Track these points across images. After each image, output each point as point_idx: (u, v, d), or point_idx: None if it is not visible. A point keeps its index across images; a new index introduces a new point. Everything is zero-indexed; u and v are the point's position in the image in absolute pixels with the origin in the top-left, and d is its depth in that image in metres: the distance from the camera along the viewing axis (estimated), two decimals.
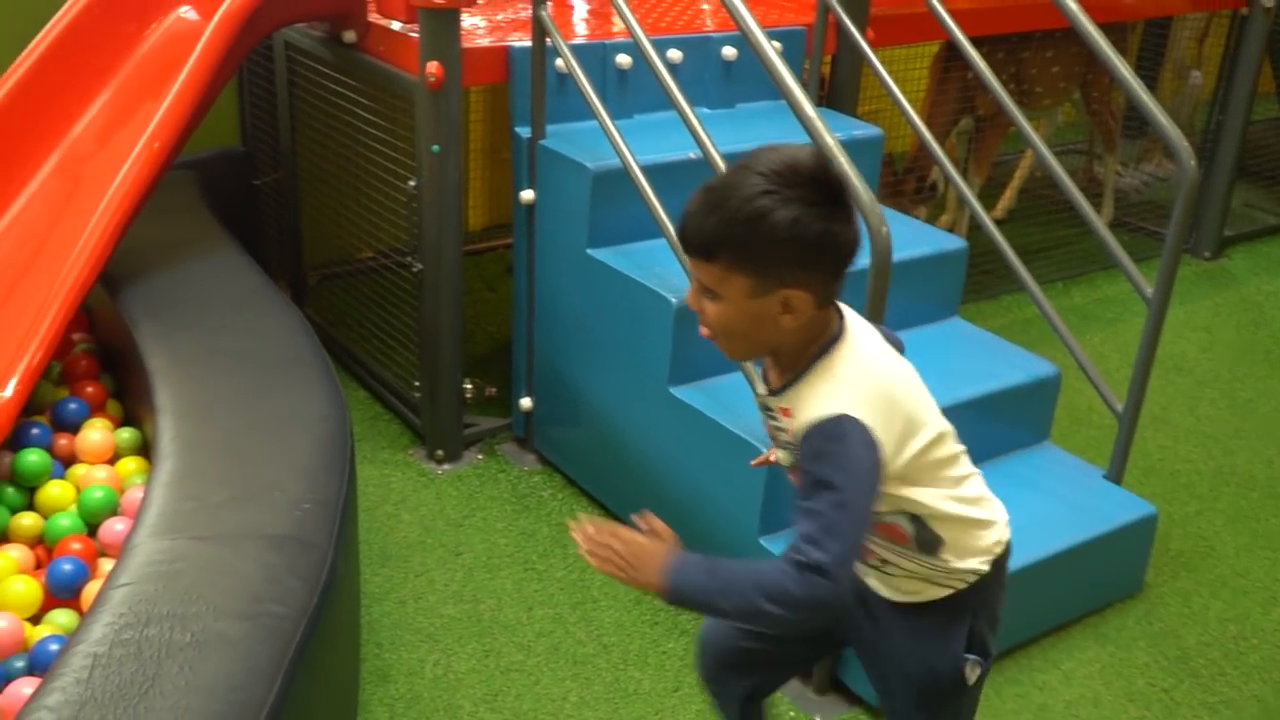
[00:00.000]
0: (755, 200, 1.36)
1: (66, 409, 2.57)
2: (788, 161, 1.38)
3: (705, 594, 1.42)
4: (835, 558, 1.35)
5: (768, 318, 1.42)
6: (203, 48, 2.76)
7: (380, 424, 3.29)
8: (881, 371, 1.50)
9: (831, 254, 1.41)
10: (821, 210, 1.37)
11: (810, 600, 1.35)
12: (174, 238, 2.96)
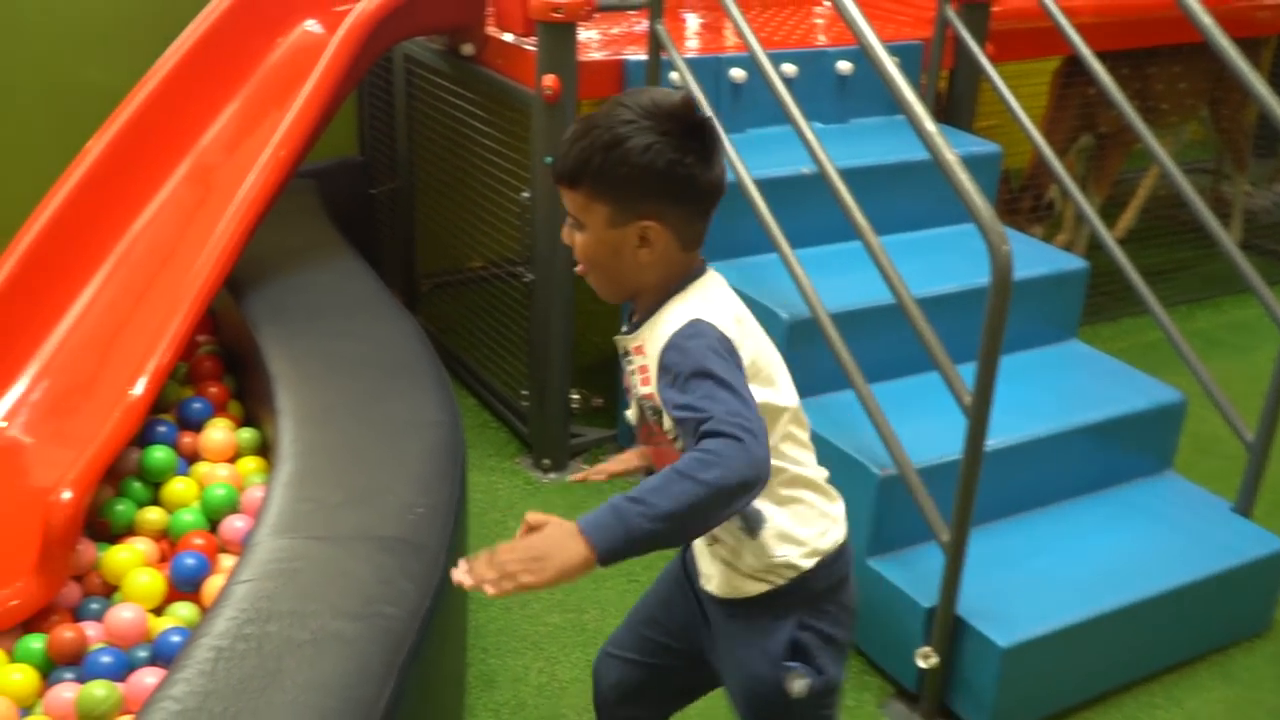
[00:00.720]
0: (615, 128, 1.41)
1: (191, 408, 2.65)
2: (655, 98, 1.43)
3: (636, 530, 1.25)
4: (735, 414, 1.31)
5: (626, 250, 1.45)
6: (327, 61, 2.83)
7: (488, 431, 3.32)
8: (737, 305, 1.51)
9: (686, 189, 1.43)
10: (675, 143, 1.40)
11: (741, 458, 1.28)
12: (295, 244, 3.04)
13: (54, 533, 2.15)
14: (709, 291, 1.50)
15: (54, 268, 2.72)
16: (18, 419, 2.59)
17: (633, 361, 1.52)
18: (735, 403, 1.33)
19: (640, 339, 1.50)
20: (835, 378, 2.39)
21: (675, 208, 1.44)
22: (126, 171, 2.87)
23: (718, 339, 1.40)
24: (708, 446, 1.28)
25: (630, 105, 1.42)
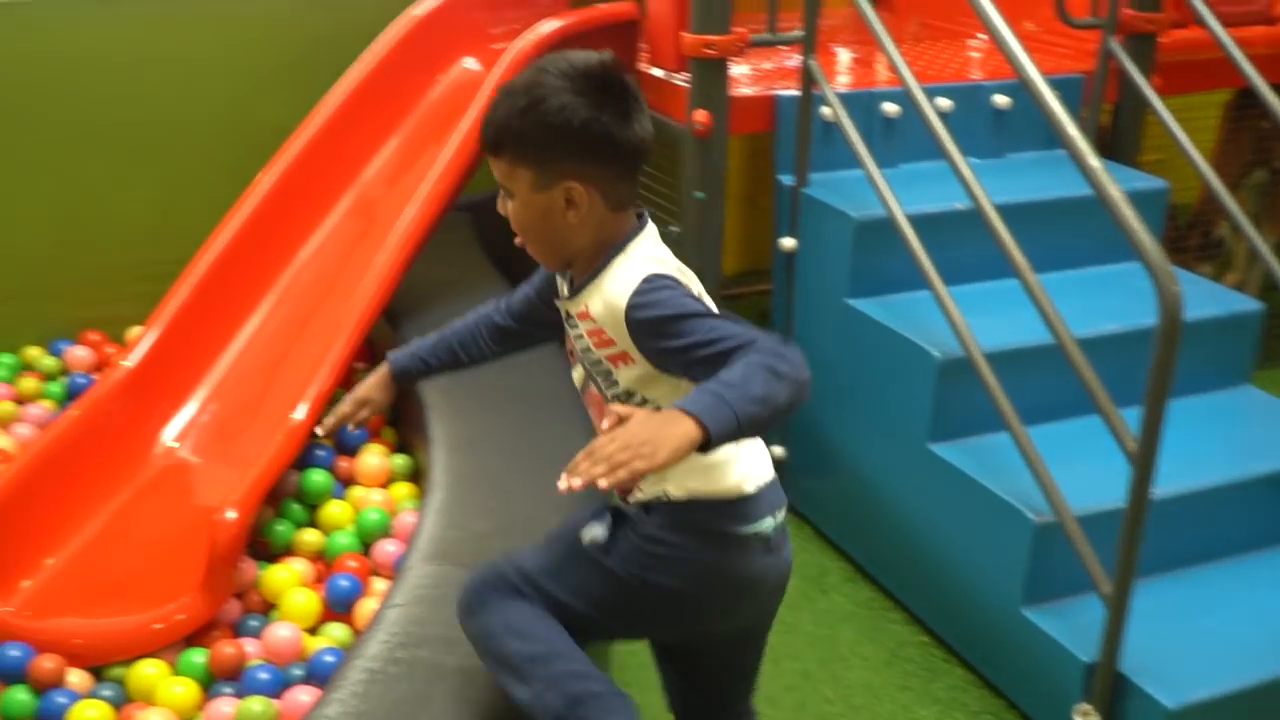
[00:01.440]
0: (531, 90, 1.42)
1: (348, 433, 2.74)
2: (571, 60, 1.44)
3: (741, 411, 1.26)
4: (754, 335, 1.35)
5: (555, 213, 1.45)
6: (485, 97, 2.90)
7: None
8: (678, 263, 1.50)
9: (604, 147, 1.42)
10: (591, 101, 1.40)
11: (791, 363, 1.32)
12: (450, 275, 3.11)
13: (219, 551, 2.25)
14: (650, 249, 1.50)
15: (224, 295, 2.85)
16: (187, 440, 2.71)
17: (578, 326, 1.52)
18: (742, 326, 1.37)
19: (583, 303, 1.50)
20: (989, 419, 2.32)
21: (596, 167, 1.44)
22: (293, 204, 2.99)
23: (681, 289, 1.43)
24: (768, 350, 1.32)
25: (548, 69, 1.43)
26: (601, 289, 1.47)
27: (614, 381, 1.50)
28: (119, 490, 2.57)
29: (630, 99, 1.45)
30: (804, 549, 2.94)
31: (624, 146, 1.44)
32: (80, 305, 3.37)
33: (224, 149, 3.35)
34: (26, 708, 2.12)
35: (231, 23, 3.37)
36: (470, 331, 1.79)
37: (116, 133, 3.30)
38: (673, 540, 1.52)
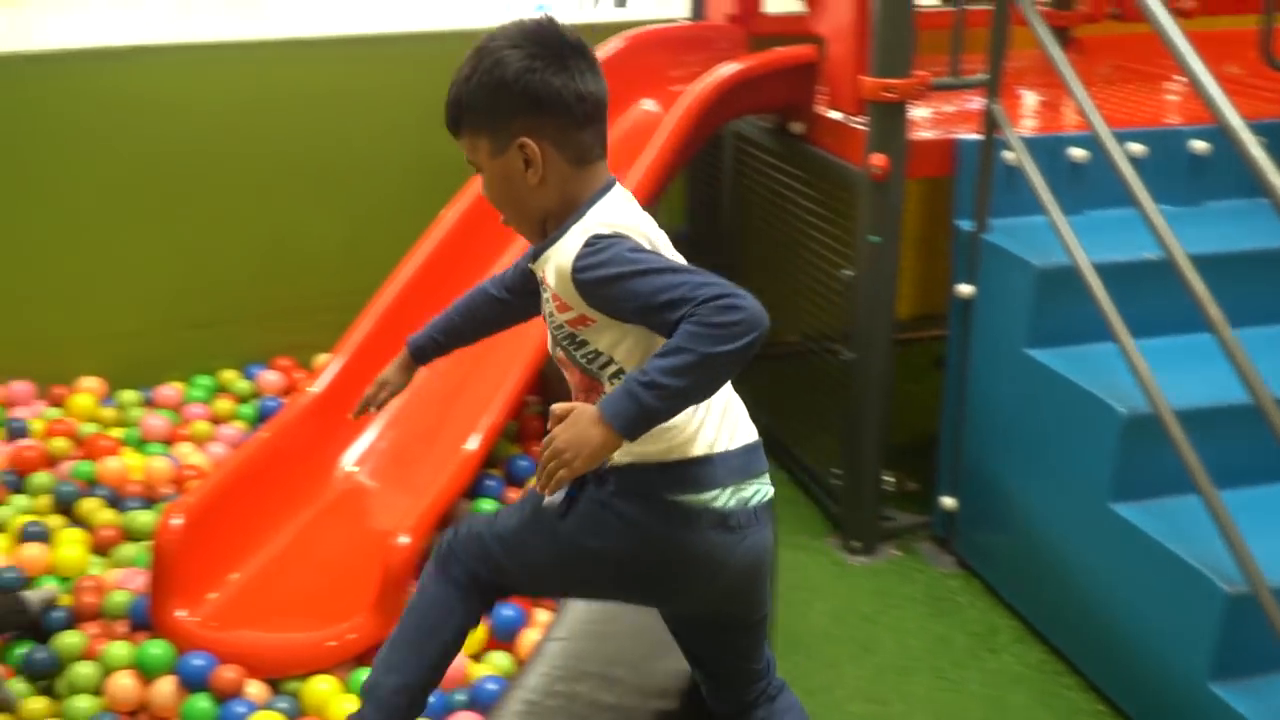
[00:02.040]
0: (473, 59, 1.45)
1: (518, 465, 2.80)
2: (512, 23, 1.46)
3: (651, 400, 1.31)
4: (701, 282, 1.33)
5: (516, 176, 1.45)
6: (663, 138, 2.95)
7: (796, 507, 3.30)
8: (640, 217, 1.47)
9: (544, 95, 1.41)
10: (525, 53, 1.42)
11: (737, 313, 1.31)
12: None
13: (391, 574, 2.32)
14: (607, 209, 1.46)
15: (407, 326, 2.92)
16: (366, 465, 2.82)
17: (546, 290, 1.50)
18: (689, 275, 1.35)
19: (541, 269, 1.48)
20: (1176, 480, 2.21)
21: (543, 119, 1.43)
22: (474, 239, 3.09)
23: (626, 245, 1.39)
24: (710, 313, 1.31)
25: (489, 37, 1.46)
26: (554, 254, 1.45)
27: (580, 343, 1.48)
28: (301, 511, 2.69)
29: (567, 48, 1.45)
30: (972, 605, 2.85)
31: (564, 94, 1.43)
32: (273, 332, 3.56)
33: (410, 185, 3.50)
34: (207, 715, 2.23)
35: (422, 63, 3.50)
36: (470, 306, 1.79)
37: (312, 170, 3.48)
38: (619, 507, 1.48)
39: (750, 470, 1.52)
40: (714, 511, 1.48)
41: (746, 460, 1.52)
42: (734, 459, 1.50)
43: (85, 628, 2.48)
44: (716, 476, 1.48)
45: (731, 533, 1.49)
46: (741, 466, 1.51)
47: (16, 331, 3.36)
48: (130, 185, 3.36)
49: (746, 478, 1.51)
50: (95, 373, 3.42)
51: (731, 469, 1.50)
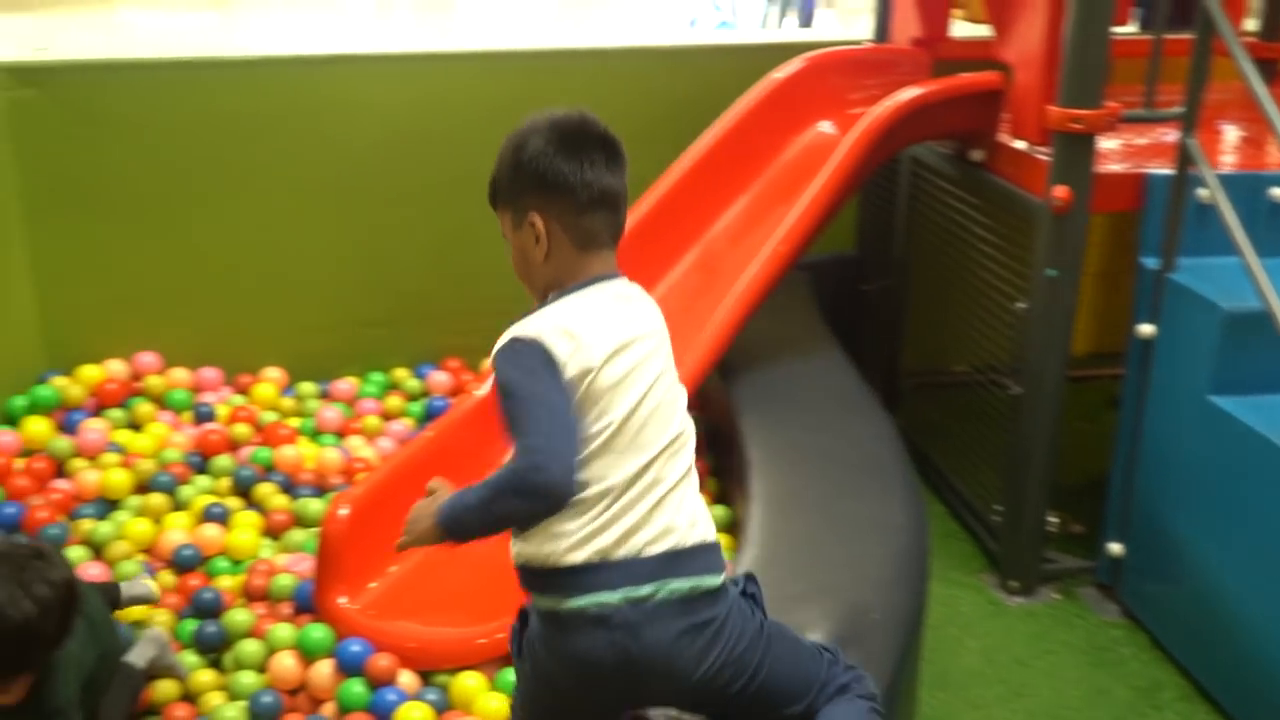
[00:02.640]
0: (509, 142, 1.61)
1: None
2: (548, 113, 1.61)
3: (463, 515, 1.53)
4: (534, 441, 1.46)
5: (529, 249, 1.59)
6: (838, 161, 2.93)
7: (953, 542, 3.22)
8: (581, 315, 1.54)
9: (552, 178, 1.55)
10: (543, 139, 1.57)
11: (527, 483, 1.46)
12: (784, 333, 3.14)
13: None
14: (565, 304, 1.57)
15: None
16: None
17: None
18: (538, 423, 1.47)
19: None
20: None
21: (550, 199, 1.56)
22: (642, 255, 3.11)
23: (526, 361, 1.50)
24: (511, 471, 1.47)
25: (527, 123, 1.61)
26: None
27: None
28: None
29: (586, 140, 1.58)
30: (1136, 657, 2.73)
31: (572, 180, 1.55)
32: (444, 334, 3.67)
33: None
34: (361, 700, 2.31)
35: (598, 80, 3.58)
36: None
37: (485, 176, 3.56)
38: (525, 612, 1.60)
39: (665, 574, 1.53)
40: (591, 613, 1.51)
41: (662, 567, 1.53)
42: (639, 566, 1.52)
43: (254, 607, 2.60)
44: (599, 582, 1.51)
45: (615, 630, 1.50)
46: (650, 572, 1.52)
47: (210, 322, 3.56)
48: (319, 188, 3.52)
49: (651, 581, 1.52)
50: (278, 364, 3.59)
51: (630, 574, 1.51)
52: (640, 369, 1.57)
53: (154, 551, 2.82)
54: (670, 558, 1.53)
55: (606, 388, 1.53)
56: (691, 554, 1.55)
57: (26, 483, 2.96)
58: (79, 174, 3.34)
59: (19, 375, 3.35)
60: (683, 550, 1.55)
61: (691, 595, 1.54)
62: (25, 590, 1.72)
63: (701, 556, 1.57)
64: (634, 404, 1.55)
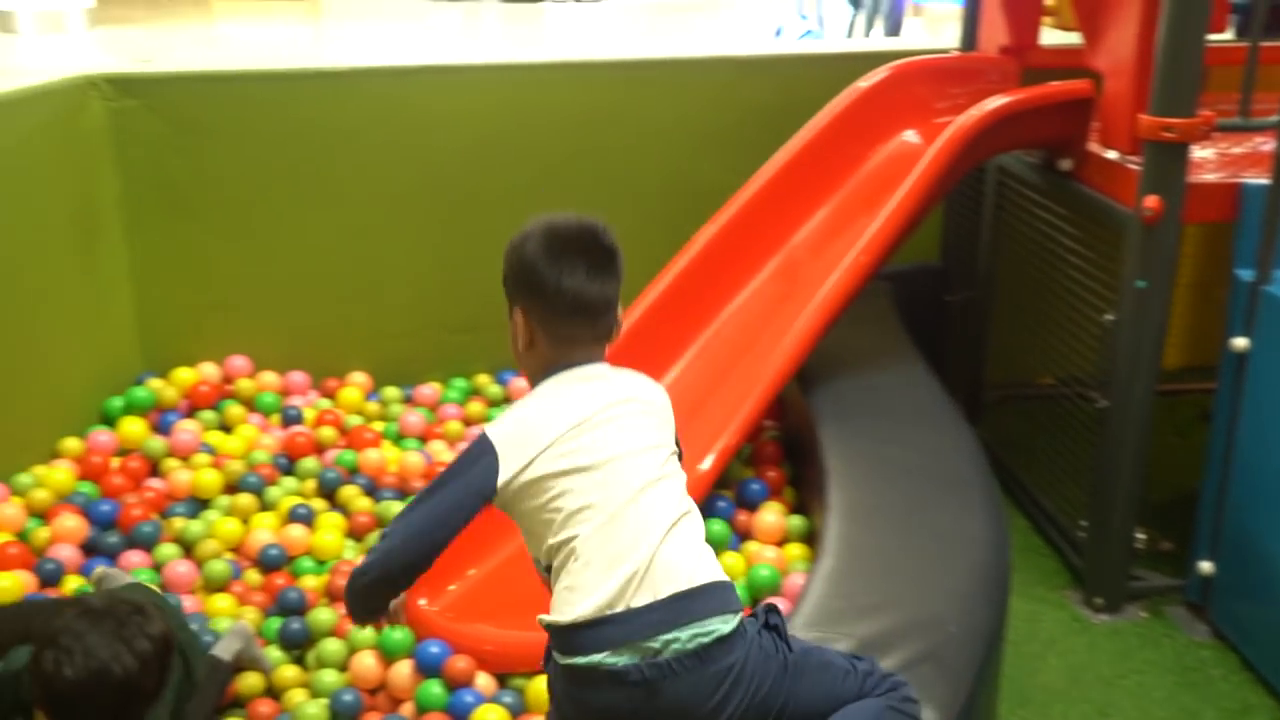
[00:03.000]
0: (512, 237, 1.72)
1: (749, 488, 2.81)
2: (550, 216, 1.72)
3: (346, 597, 1.76)
4: (392, 526, 1.69)
5: (515, 337, 1.72)
6: (922, 170, 2.90)
7: (1036, 557, 3.16)
8: (539, 411, 1.67)
9: (535, 282, 1.66)
10: (537, 244, 1.67)
11: (369, 562, 1.71)
12: (864, 344, 3.12)
13: None
14: (529, 402, 1.70)
15: (650, 345, 3.02)
16: None
17: None
18: (413, 510, 1.69)
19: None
20: None
21: (532, 299, 1.68)
22: (722, 264, 3.13)
23: (474, 453, 1.66)
24: (389, 548, 1.69)
25: (531, 220, 1.71)
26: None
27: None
28: None
29: (573, 246, 1.67)
30: (1226, 679, 2.66)
31: (548, 284, 1.65)
32: None
33: (664, 206, 3.58)
34: (438, 700, 2.35)
35: (683, 89, 3.60)
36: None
37: (572, 187, 3.61)
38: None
39: (673, 622, 1.54)
40: (605, 670, 1.55)
41: (669, 614, 1.55)
42: (644, 615, 1.55)
43: (336, 607, 2.66)
44: (605, 639, 1.55)
45: (635, 688, 1.54)
46: (657, 622, 1.54)
47: (299, 326, 3.64)
48: (405, 195, 3.59)
49: (661, 631, 1.53)
50: (363, 369, 3.66)
51: (637, 626, 1.55)
52: (603, 430, 1.65)
53: (241, 550, 2.89)
54: (675, 604, 1.56)
55: (567, 453, 1.63)
56: (699, 597, 1.57)
57: (122, 481, 3.06)
58: (176, 181, 3.45)
59: (117, 377, 3.46)
60: (689, 594, 1.57)
61: (705, 643, 1.55)
62: (128, 646, 1.74)
63: (711, 599, 1.58)
64: (603, 459, 1.63)
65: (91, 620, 1.74)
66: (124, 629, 1.75)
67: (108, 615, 1.76)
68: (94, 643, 1.71)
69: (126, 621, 1.77)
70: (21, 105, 3.03)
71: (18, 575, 2.59)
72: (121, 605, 1.81)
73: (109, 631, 1.74)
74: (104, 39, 4.54)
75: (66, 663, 1.69)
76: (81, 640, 1.71)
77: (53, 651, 1.71)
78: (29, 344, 3.07)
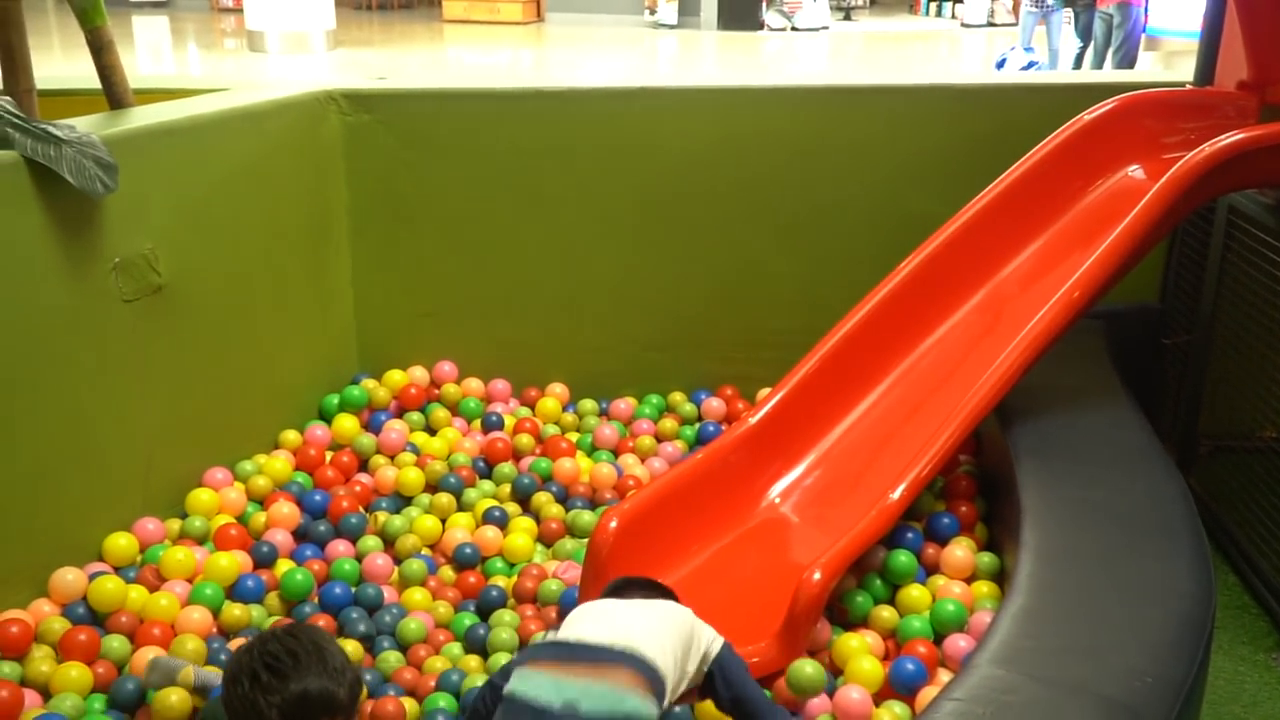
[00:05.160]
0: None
1: (940, 522, 2.75)
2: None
3: None
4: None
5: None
6: (1144, 206, 2.78)
7: (1245, 616, 2.97)
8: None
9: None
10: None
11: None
12: (1071, 383, 3.01)
13: (800, 606, 2.36)
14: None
15: (848, 371, 3.00)
16: (790, 499, 2.88)
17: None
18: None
19: None
20: None
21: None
22: (927, 293, 3.07)
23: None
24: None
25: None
26: None
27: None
28: (723, 533, 2.80)
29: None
30: None
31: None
32: (721, 362, 3.74)
33: (871, 233, 3.55)
34: None
35: (896, 116, 3.56)
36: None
37: (778, 211, 3.63)
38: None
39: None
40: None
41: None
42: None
43: (521, 610, 2.73)
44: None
45: None
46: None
47: (505, 336, 3.78)
48: (614, 214, 3.67)
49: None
50: (562, 380, 3.76)
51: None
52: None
53: (438, 547, 3.01)
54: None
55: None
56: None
57: (333, 474, 3.23)
58: (400, 193, 3.63)
59: (335, 376, 3.67)
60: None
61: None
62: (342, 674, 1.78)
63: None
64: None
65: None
66: (331, 659, 1.78)
67: (320, 651, 1.78)
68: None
69: (327, 646, 1.80)
70: (268, 116, 3.26)
71: (235, 555, 2.77)
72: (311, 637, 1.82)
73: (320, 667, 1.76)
74: (343, 59, 4.84)
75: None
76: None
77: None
78: (261, 341, 3.29)
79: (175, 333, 2.91)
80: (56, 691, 2.31)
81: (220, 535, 2.86)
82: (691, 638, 2.05)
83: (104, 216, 2.64)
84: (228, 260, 3.11)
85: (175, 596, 2.60)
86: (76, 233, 2.57)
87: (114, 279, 2.68)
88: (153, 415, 2.87)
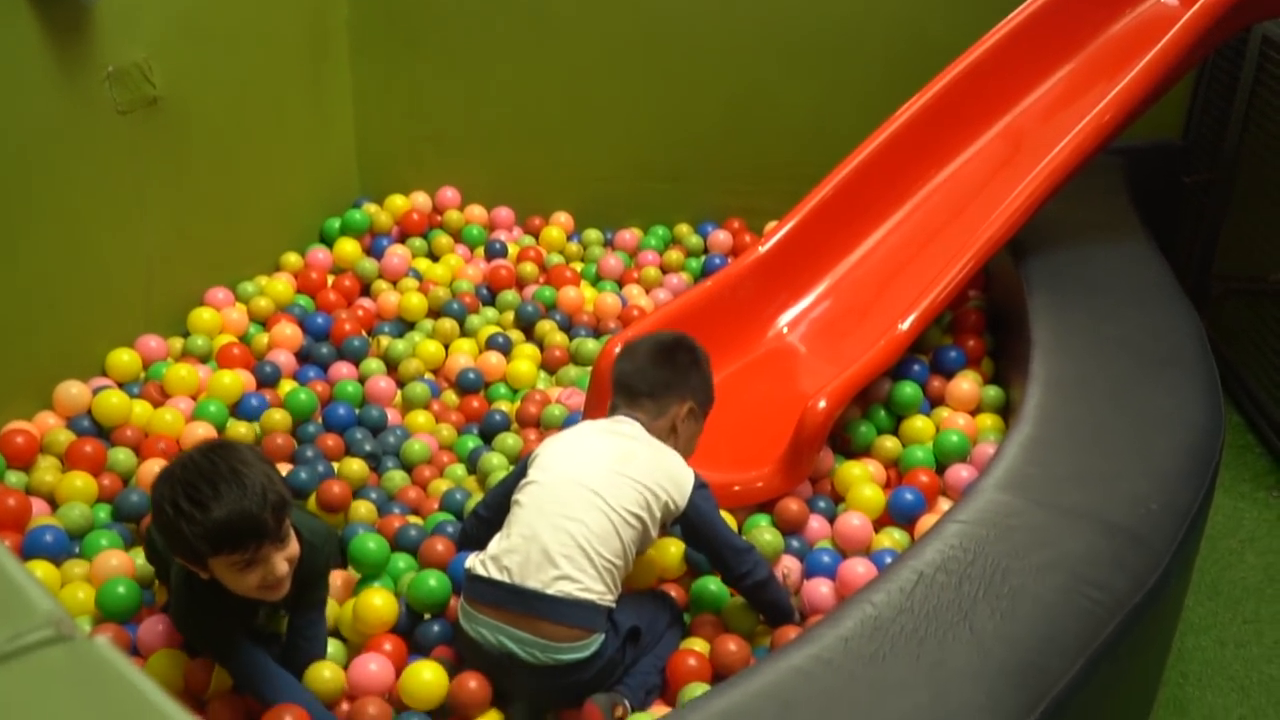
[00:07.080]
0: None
1: (946, 355, 2.73)
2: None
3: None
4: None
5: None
6: (1174, 35, 2.67)
7: (1246, 455, 2.99)
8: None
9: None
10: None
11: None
12: (1087, 219, 2.95)
13: (804, 434, 2.36)
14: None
15: (859, 202, 2.94)
16: (798, 329, 2.86)
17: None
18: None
19: None
20: None
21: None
22: (942, 124, 2.99)
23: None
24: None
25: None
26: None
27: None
28: (729, 361, 2.77)
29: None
30: None
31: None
32: (729, 194, 3.67)
33: (887, 61, 3.43)
34: None
35: None
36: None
37: (788, 39, 3.49)
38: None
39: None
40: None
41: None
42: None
43: (525, 434, 2.73)
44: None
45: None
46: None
47: (509, 163, 3.69)
48: (622, 39, 3.54)
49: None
50: (567, 209, 3.70)
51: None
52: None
53: (441, 372, 3.01)
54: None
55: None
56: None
57: (335, 298, 3.21)
58: (402, 12, 3.50)
59: (335, 199, 3.60)
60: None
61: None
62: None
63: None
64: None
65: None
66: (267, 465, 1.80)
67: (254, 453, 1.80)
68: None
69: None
70: None
71: (239, 374, 2.76)
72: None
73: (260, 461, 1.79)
74: None
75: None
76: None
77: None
78: (260, 159, 3.22)
79: (172, 147, 2.84)
80: (63, 501, 2.33)
81: (223, 354, 2.85)
82: (654, 495, 1.98)
83: (96, 24, 2.53)
84: (224, 73, 3.01)
85: (180, 412, 2.60)
86: (68, 41, 2.48)
87: (108, 88, 2.60)
88: (152, 231, 2.82)
